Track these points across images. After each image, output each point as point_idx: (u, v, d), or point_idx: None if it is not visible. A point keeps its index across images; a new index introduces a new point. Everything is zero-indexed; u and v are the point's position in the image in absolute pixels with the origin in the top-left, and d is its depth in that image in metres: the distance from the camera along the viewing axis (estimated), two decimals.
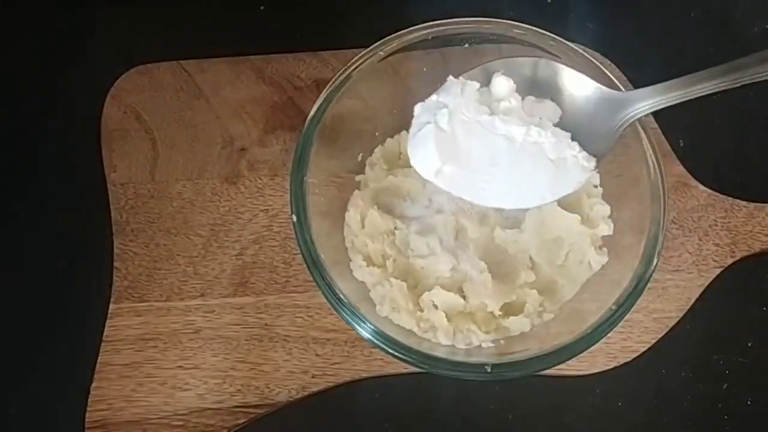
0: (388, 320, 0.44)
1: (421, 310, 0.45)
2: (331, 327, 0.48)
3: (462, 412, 0.47)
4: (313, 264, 0.42)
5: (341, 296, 0.41)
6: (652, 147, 0.44)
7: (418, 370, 0.47)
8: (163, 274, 0.50)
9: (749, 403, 0.47)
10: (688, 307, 0.48)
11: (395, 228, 0.47)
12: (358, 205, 0.48)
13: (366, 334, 0.41)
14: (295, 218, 0.42)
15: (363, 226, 0.47)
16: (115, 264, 0.50)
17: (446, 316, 0.44)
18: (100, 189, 0.52)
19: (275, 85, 0.53)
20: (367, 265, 0.46)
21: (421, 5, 0.50)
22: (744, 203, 0.51)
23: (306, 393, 0.47)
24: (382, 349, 0.41)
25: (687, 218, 0.50)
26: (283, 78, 0.54)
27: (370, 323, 0.41)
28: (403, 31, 0.46)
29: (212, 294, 0.49)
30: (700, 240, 0.50)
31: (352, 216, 0.48)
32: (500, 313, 0.45)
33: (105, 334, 0.48)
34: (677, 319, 0.48)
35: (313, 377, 0.47)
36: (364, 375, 0.47)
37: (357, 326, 0.41)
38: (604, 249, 0.46)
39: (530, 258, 0.46)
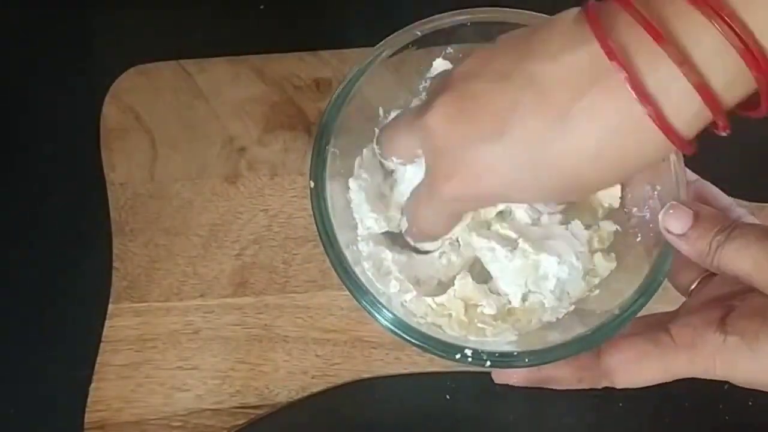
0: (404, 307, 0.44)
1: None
2: (331, 327, 0.48)
3: (462, 413, 0.47)
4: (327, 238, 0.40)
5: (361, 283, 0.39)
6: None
7: (418, 370, 0.47)
8: (163, 275, 0.49)
9: (750, 403, 0.47)
10: None
11: None
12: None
13: (385, 322, 0.39)
14: (312, 183, 0.40)
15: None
16: (114, 264, 0.50)
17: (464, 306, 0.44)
18: (99, 189, 0.52)
19: (275, 84, 0.53)
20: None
21: (421, 5, 0.50)
22: (745, 203, 0.51)
23: (306, 394, 0.47)
24: (402, 337, 0.39)
25: None
26: (282, 78, 0.53)
27: (389, 310, 0.40)
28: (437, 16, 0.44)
29: (211, 294, 0.49)
30: None
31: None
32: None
33: (104, 334, 0.48)
34: None
35: (312, 378, 0.47)
36: (365, 376, 0.47)
37: (376, 314, 0.39)
38: (612, 254, 0.45)
39: None
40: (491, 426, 0.47)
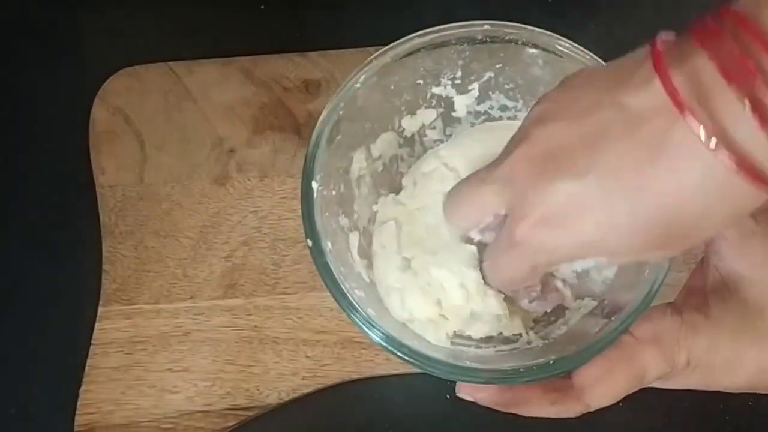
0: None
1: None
2: (321, 328, 0.48)
3: (462, 413, 0.47)
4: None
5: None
6: None
7: (409, 370, 0.47)
8: (152, 277, 0.49)
9: (750, 403, 0.47)
10: None
11: None
12: None
13: (377, 339, 0.37)
14: (310, 243, 0.38)
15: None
16: (104, 267, 0.50)
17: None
18: (88, 191, 0.51)
19: (264, 86, 0.53)
20: None
21: (421, 6, 0.50)
22: None
23: (296, 395, 0.47)
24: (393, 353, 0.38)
25: None
26: (271, 79, 0.53)
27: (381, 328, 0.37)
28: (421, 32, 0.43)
29: (201, 296, 0.49)
30: None
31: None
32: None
33: (93, 337, 0.48)
34: None
35: (303, 379, 0.47)
36: (354, 377, 0.47)
37: (369, 332, 0.37)
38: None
39: None
40: (491, 426, 0.47)
